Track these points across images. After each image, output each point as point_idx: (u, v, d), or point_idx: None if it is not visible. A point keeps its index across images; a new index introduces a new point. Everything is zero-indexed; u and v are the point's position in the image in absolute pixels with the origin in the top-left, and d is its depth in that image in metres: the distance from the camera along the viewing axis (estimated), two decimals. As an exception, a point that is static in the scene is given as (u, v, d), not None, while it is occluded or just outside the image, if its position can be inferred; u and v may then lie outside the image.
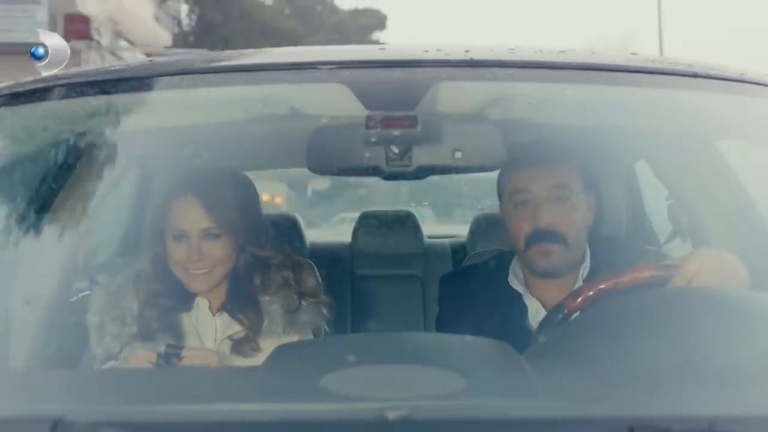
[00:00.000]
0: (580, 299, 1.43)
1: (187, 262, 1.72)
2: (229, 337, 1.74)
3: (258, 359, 1.67)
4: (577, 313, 1.43)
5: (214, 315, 1.77)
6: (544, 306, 1.75)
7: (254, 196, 1.83)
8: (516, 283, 1.80)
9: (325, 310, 1.81)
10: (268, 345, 1.69)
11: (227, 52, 1.69)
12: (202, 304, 1.77)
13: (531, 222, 1.72)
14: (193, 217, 1.71)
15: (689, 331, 1.15)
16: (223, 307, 1.77)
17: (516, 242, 1.76)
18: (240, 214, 1.76)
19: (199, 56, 1.66)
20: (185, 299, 1.76)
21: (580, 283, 1.74)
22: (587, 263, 1.76)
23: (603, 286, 1.43)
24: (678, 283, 1.39)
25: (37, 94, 1.54)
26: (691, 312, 1.22)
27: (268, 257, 1.79)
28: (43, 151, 1.78)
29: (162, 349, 1.58)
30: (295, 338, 1.74)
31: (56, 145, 1.80)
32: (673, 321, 1.19)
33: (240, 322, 1.75)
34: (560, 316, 1.44)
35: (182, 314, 1.75)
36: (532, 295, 1.78)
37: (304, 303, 1.78)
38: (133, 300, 1.74)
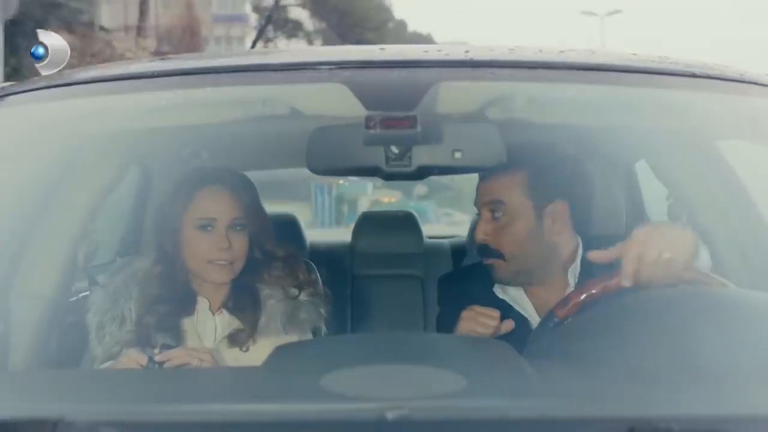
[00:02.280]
0: (569, 307, 1.43)
1: (214, 251, 1.71)
2: (229, 336, 1.74)
3: (256, 354, 1.67)
4: (570, 318, 1.43)
5: (214, 314, 1.77)
6: (536, 307, 1.76)
7: (258, 195, 1.85)
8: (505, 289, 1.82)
9: (323, 310, 1.81)
10: (266, 342, 1.69)
11: (228, 52, 1.70)
12: (202, 303, 1.77)
13: (476, 235, 1.78)
14: (222, 206, 1.73)
15: (689, 331, 1.15)
16: (224, 305, 1.77)
17: None
18: (257, 209, 1.79)
19: (198, 56, 1.66)
20: (185, 299, 1.76)
21: (570, 283, 1.75)
22: (577, 263, 1.76)
23: (592, 292, 1.42)
24: (629, 266, 1.39)
25: (37, 94, 1.54)
26: (690, 312, 1.22)
27: (273, 252, 1.81)
28: (43, 151, 1.78)
29: (155, 351, 1.58)
30: (294, 337, 1.74)
31: (56, 145, 1.80)
32: (672, 321, 1.19)
33: (240, 319, 1.75)
34: (551, 324, 1.44)
35: (182, 314, 1.75)
36: (526, 294, 1.79)
37: (303, 300, 1.78)
38: (132, 300, 1.73)
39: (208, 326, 1.76)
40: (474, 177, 1.89)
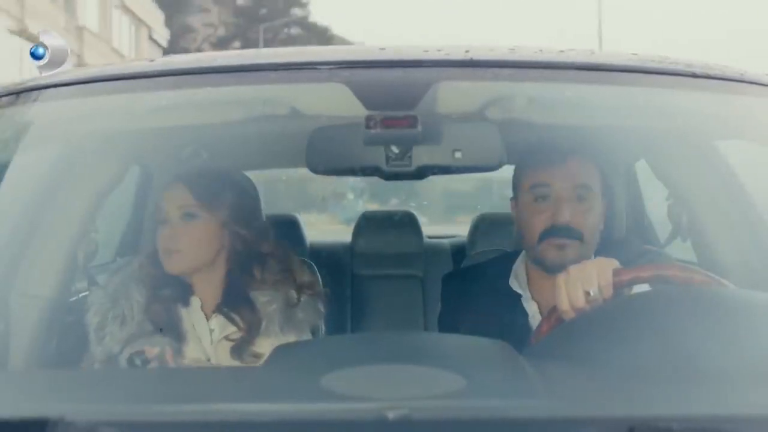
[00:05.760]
0: (539, 335, 1.43)
1: (165, 240, 1.74)
2: (227, 338, 1.73)
3: (257, 363, 1.67)
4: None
5: (208, 315, 1.77)
6: (540, 309, 1.75)
7: (248, 185, 1.87)
8: (516, 285, 1.80)
9: (322, 307, 1.81)
10: (266, 345, 1.68)
11: (227, 52, 1.70)
12: (194, 302, 1.77)
13: (549, 216, 1.73)
14: (174, 200, 1.76)
15: (689, 331, 1.15)
16: (219, 309, 1.77)
17: (529, 235, 1.76)
18: (223, 194, 1.78)
19: (199, 56, 1.66)
20: (182, 299, 1.76)
21: None
22: None
23: (558, 317, 1.42)
24: (563, 306, 1.39)
25: (37, 94, 1.54)
26: (690, 312, 1.22)
27: (268, 253, 1.80)
28: (43, 151, 1.78)
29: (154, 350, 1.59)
30: (292, 337, 1.74)
31: (57, 145, 1.80)
32: (673, 321, 1.19)
33: (236, 323, 1.74)
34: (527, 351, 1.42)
35: (180, 314, 1.75)
36: (532, 296, 1.78)
37: (301, 299, 1.78)
38: (131, 299, 1.74)
39: (203, 326, 1.76)
40: (440, 186, 1.88)
